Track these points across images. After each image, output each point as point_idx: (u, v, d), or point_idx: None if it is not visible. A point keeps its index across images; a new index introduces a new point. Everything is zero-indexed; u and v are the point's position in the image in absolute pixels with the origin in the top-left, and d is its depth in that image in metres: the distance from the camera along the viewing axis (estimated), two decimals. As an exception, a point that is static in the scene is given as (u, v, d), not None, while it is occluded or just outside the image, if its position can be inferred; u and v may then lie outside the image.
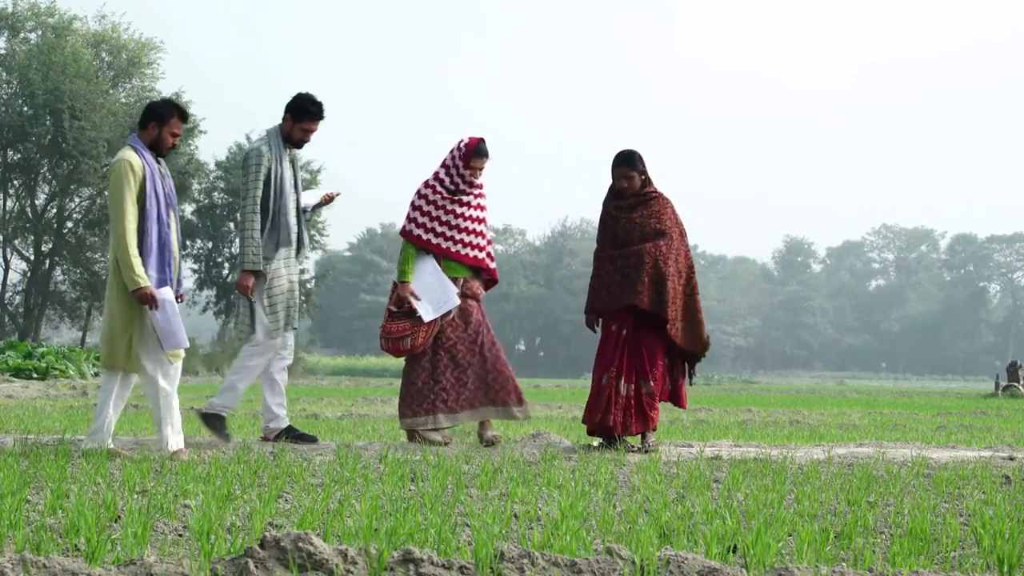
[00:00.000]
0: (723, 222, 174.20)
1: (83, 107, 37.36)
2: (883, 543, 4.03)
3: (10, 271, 41.48)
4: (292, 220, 7.25)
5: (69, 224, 41.85)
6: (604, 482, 5.49)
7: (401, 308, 7.41)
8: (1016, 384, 26.42)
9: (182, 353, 6.46)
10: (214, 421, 7.18)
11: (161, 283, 6.34)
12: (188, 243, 45.29)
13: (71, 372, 25.28)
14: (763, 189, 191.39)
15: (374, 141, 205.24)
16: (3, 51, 39.37)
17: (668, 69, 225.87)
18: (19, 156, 39.64)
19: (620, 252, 7.47)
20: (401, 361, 7.61)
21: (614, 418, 7.31)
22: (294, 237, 7.29)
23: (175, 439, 6.38)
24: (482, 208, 7.64)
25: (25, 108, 38.32)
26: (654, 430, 7.51)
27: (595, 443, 7.63)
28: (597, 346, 7.60)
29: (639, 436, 7.48)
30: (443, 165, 7.58)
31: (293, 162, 7.35)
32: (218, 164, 44.95)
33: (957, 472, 6.25)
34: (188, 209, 44.87)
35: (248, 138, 44.55)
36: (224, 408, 7.27)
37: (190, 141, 41.59)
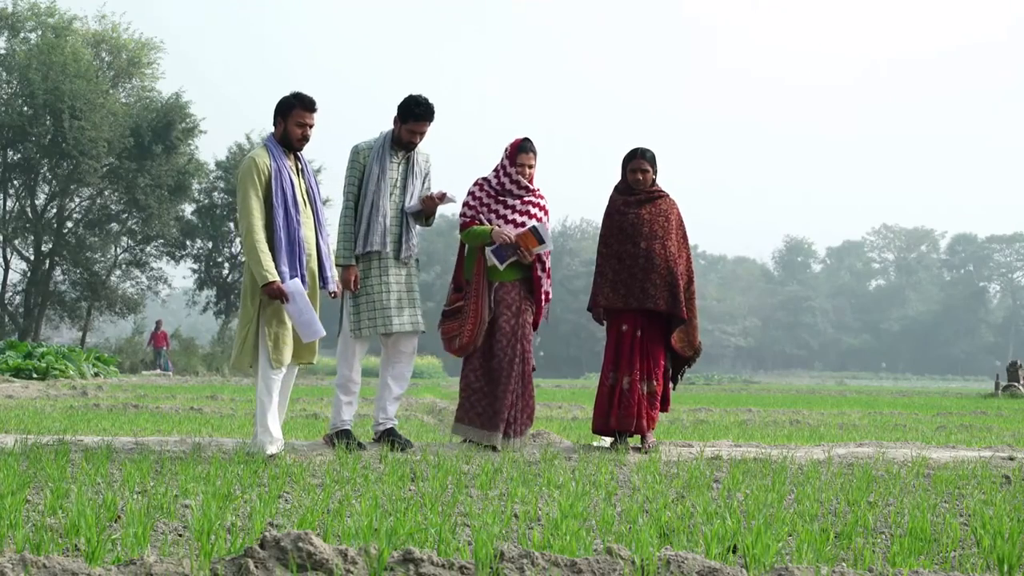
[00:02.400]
0: (723, 222, 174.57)
1: (83, 107, 37.35)
2: (883, 543, 4.03)
3: (10, 271, 41.51)
4: (385, 221, 7.05)
5: (69, 224, 41.85)
6: (604, 482, 5.49)
7: (451, 307, 7.36)
8: (1016, 384, 26.41)
9: (286, 360, 6.44)
10: (342, 439, 6.93)
11: (291, 277, 6.38)
12: (188, 243, 45.32)
13: (71, 372, 25.27)
14: (763, 189, 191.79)
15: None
16: (3, 51, 39.37)
17: (669, 70, 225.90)
18: (19, 156, 39.64)
19: (628, 251, 7.44)
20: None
21: (645, 420, 7.35)
22: (387, 239, 7.08)
23: (266, 442, 6.40)
24: (530, 216, 7.39)
25: (25, 108, 38.31)
26: (653, 430, 7.53)
27: (606, 443, 7.62)
28: (606, 346, 7.55)
29: (639, 436, 7.48)
30: (495, 168, 7.52)
31: (407, 163, 7.19)
32: (218, 164, 44.95)
33: (957, 472, 6.25)
34: (188, 209, 44.89)
35: (248, 138, 44.60)
36: (336, 425, 7.07)
37: (190, 141, 41.63)
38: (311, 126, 6.56)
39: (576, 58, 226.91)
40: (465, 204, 7.47)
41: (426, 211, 7.25)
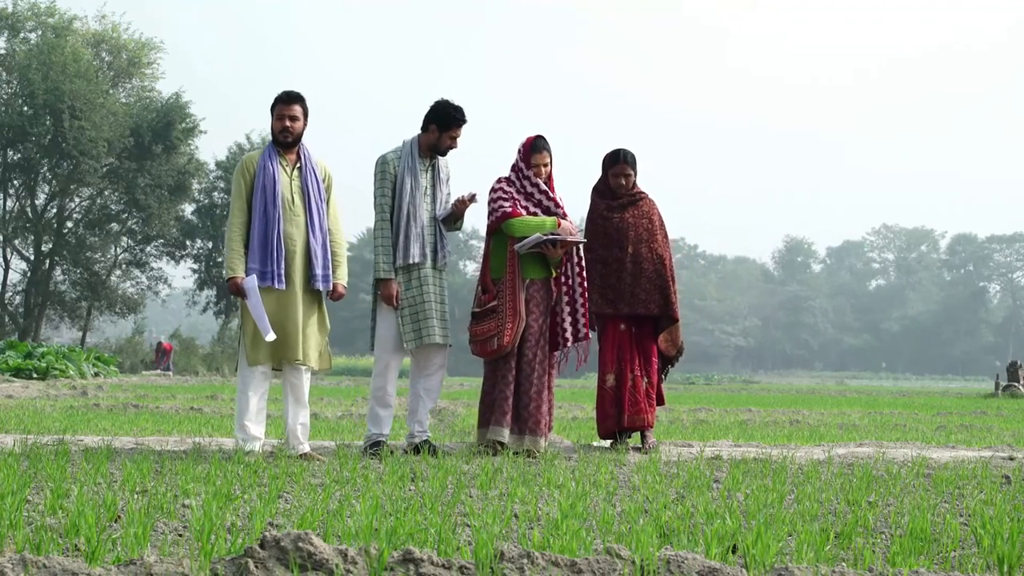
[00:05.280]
0: (723, 222, 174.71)
1: (83, 107, 37.36)
2: (883, 543, 4.03)
3: (10, 271, 41.54)
4: (419, 230, 6.95)
5: (69, 224, 41.87)
6: (604, 482, 5.49)
7: (483, 308, 7.09)
8: (1016, 384, 26.43)
9: (262, 358, 6.47)
10: (374, 449, 6.81)
11: (264, 276, 6.46)
12: (188, 243, 45.34)
13: (71, 372, 25.29)
14: (763, 189, 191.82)
15: (374, 141, 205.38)
16: (3, 51, 39.41)
17: (668, 69, 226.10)
18: (19, 156, 39.67)
19: (615, 256, 7.42)
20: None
21: (651, 415, 7.39)
22: (424, 248, 6.98)
23: (241, 439, 6.47)
24: (552, 215, 7.20)
25: (25, 108, 38.34)
26: (652, 427, 7.52)
27: (606, 443, 7.62)
28: (600, 348, 7.51)
29: (639, 436, 7.48)
30: (512, 166, 7.31)
31: (433, 170, 7.10)
32: (218, 164, 44.96)
33: (957, 472, 6.25)
34: (188, 209, 44.89)
35: (248, 138, 44.62)
36: (372, 436, 6.93)
37: (190, 141, 41.65)
38: (291, 117, 6.58)
39: (576, 58, 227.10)
40: (499, 198, 7.19)
41: (456, 214, 7.14)
